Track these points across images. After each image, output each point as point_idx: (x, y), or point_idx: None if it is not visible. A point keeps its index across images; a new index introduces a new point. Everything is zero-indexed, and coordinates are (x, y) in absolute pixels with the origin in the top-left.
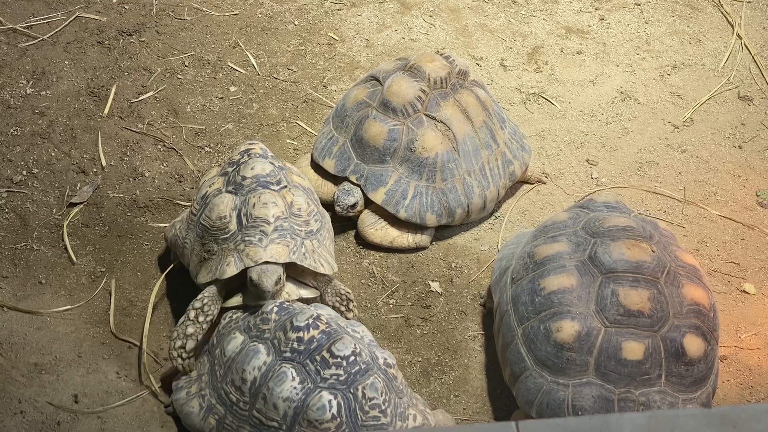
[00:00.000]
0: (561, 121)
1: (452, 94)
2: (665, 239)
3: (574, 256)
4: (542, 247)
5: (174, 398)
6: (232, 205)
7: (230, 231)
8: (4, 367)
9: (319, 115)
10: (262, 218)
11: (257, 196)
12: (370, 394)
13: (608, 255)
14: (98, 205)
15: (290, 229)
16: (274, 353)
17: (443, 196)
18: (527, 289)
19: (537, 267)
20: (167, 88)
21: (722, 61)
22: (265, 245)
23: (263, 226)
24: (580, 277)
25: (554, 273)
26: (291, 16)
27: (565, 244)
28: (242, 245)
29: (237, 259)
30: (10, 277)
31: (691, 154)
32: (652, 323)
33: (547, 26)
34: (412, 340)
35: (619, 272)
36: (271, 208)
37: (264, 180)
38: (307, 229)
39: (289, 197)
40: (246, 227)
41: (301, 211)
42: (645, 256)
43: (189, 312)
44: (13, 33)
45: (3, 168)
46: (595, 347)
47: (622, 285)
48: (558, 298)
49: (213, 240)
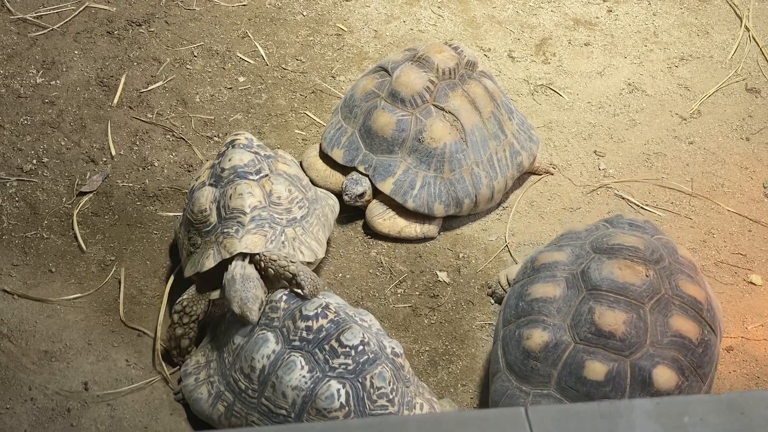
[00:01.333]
0: (569, 112)
1: (460, 85)
2: (677, 267)
3: (568, 268)
4: (545, 254)
5: (182, 384)
6: (212, 197)
7: (211, 223)
8: (14, 355)
9: (328, 105)
10: (239, 209)
11: (233, 187)
12: (378, 383)
13: (598, 272)
14: (108, 194)
15: (269, 218)
16: (283, 341)
17: (451, 187)
18: (517, 293)
19: (533, 273)
20: (176, 78)
21: (730, 53)
22: (240, 236)
23: (240, 217)
24: (567, 289)
25: (543, 281)
26: (299, 6)
27: (566, 255)
28: (221, 237)
29: (215, 252)
30: (20, 265)
31: (699, 146)
32: (623, 347)
33: (555, 18)
34: (420, 330)
35: (602, 290)
36: (246, 199)
37: (242, 170)
38: (289, 217)
39: (268, 186)
40: (224, 219)
41: (281, 199)
42: (635, 279)
43: (173, 315)
44: (23, 23)
45: (13, 157)
46: (560, 361)
47: (600, 303)
48: (539, 306)
49: (197, 233)
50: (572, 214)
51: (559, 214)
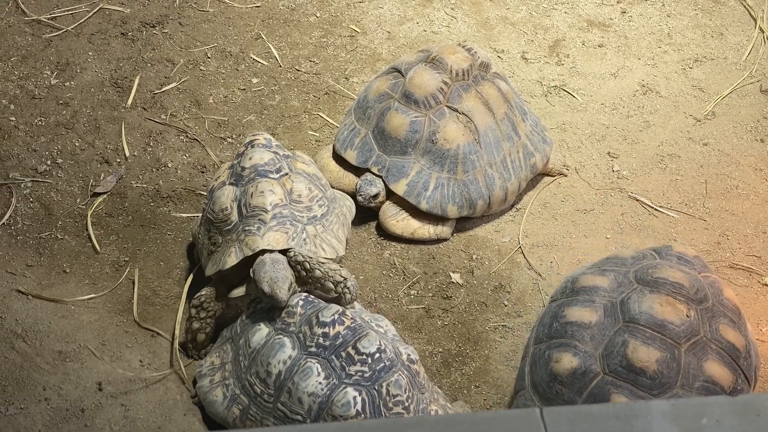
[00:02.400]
0: (582, 113)
1: (474, 86)
2: (720, 309)
3: (608, 295)
4: (586, 277)
5: (197, 386)
6: (232, 196)
7: (232, 222)
8: (29, 355)
9: (341, 106)
10: (260, 207)
11: (254, 185)
12: (394, 391)
13: (638, 304)
14: (122, 195)
15: (290, 216)
16: (299, 347)
17: (464, 188)
18: (552, 312)
19: (572, 294)
20: (190, 79)
21: (744, 55)
22: (262, 233)
23: (261, 215)
24: (604, 317)
25: (580, 305)
26: (313, 8)
27: (608, 281)
28: (243, 235)
29: (237, 249)
30: (35, 265)
31: (713, 148)
32: (652, 386)
33: (568, 19)
34: (433, 331)
35: (640, 324)
36: (268, 197)
37: (262, 169)
38: (309, 215)
39: (288, 184)
40: (246, 217)
41: (302, 197)
42: (674, 317)
43: (191, 309)
44: (37, 24)
45: (28, 158)
46: (586, 390)
47: (635, 338)
48: (572, 330)
49: (218, 232)
50: (586, 215)
51: (572, 216)
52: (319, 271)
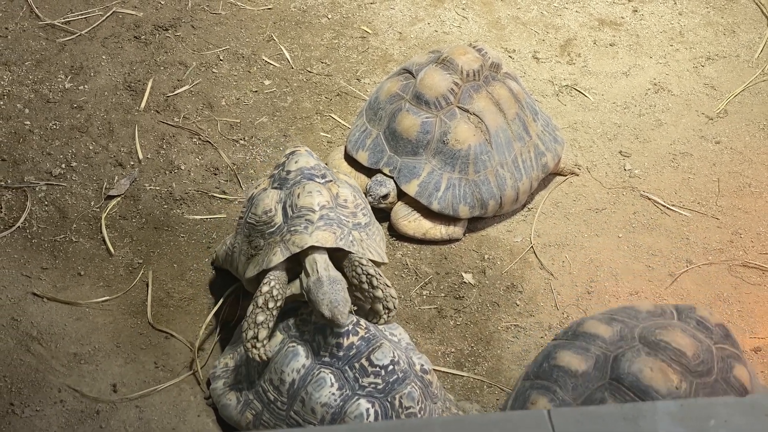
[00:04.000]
0: (594, 112)
1: (485, 87)
2: (723, 387)
3: (606, 347)
4: (592, 323)
5: (211, 387)
6: (277, 198)
7: (276, 224)
8: (44, 357)
9: (353, 108)
10: (308, 207)
11: (302, 186)
12: (407, 403)
13: (628, 364)
14: (135, 197)
15: (336, 219)
16: (313, 356)
17: (476, 188)
18: (546, 351)
19: (572, 337)
20: (202, 82)
21: (757, 52)
22: (310, 232)
23: (309, 215)
24: (593, 369)
25: (574, 351)
26: (324, 9)
27: (611, 332)
28: (288, 235)
29: (283, 248)
30: (49, 268)
31: (725, 146)
32: None
33: (579, 18)
34: (446, 331)
35: (623, 386)
36: (316, 197)
37: (308, 172)
38: (354, 221)
39: (334, 189)
40: (291, 218)
41: (348, 202)
42: (661, 386)
43: (257, 299)
44: (51, 28)
45: (42, 161)
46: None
47: (614, 399)
48: (558, 375)
49: (260, 235)
50: (598, 214)
51: (584, 215)
52: (381, 291)
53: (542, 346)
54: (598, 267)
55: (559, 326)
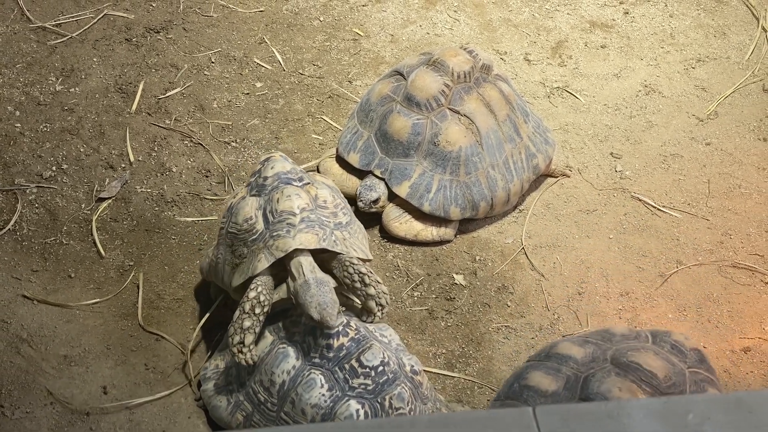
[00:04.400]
0: (585, 114)
1: (476, 88)
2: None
3: (577, 368)
4: (565, 344)
5: (202, 389)
6: (256, 205)
7: (258, 231)
8: (34, 359)
9: (344, 110)
10: (288, 211)
11: (280, 191)
12: (397, 404)
13: (597, 384)
14: (126, 199)
15: (318, 220)
16: (303, 358)
17: (467, 190)
18: (518, 373)
19: (545, 358)
20: (194, 84)
21: (747, 54)
22: (293, 235)
23: (290, 219)
24: (563, 389)
25: (545, 371)
26: (316, 12)
27: (583, 353)
28: (271, 240)
29: (267, 254)
30: (40, 270)
31: (716, 147)
32: None
33: (571, 20)
34: (437, 333)
35: None
36: (295, 200)
37: (285, 177)
38: (335, 221)
39: (313, 191)
40: (273, 223)
41: (327, 203)
42: None
43: (244, 304)
44: (42, 31)
45: (33, 164)
46: None
47: None
48: (528, 395)
49: (242, 244)
50: (588, 216)
51: (575, 216)
52: (373, 289)
53: (533, 347)
54: (589, 268)
55: (549, 327)
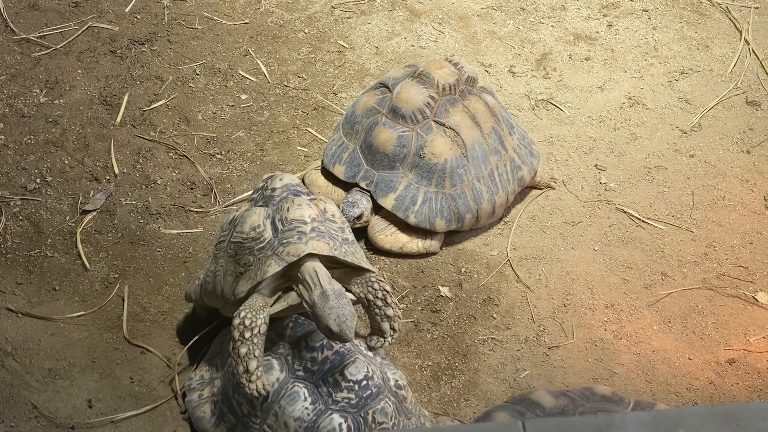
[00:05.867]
0: (569, 126)
1: (461, 101)
2: None
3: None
4: (540, 393)
5: (186, 399)
6: (264, 214)
7: (266, 239)
8: (18, 373)
9: (330, 122)
10: (299, 219)
11: (290, 200)
12: (380, 418)
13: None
14: (111, 212)
15: (327, 232)
16: (287, 370)
17: (452, 202)
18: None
19: (517, 402)
20: (179, 96)
21: (730, 67)
22: (305, 241)
23: (300, 227)
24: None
25: (509, 413)
26: (301, 24)
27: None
28: (281, 248)
29: (278, 260)
30: (24, 283)
31: (700, 159)
32: None
33: (555, 33)
34: (423, 345)
35: None
36: (306, 210)
37: (294, 189)
38: (343, 236)
39: (321, 205)
40: (282, 231)
41: (336, 217)
42: None
43: (233, 332)
44: (26, 43)
45: (17, 176)
46: None
47: None
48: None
49: (248, 252)
50: (574, 228)
51: (560, 228)
52: (392, 310)
53: (519, 359)
54: (574, 280)
55: (535, 339)
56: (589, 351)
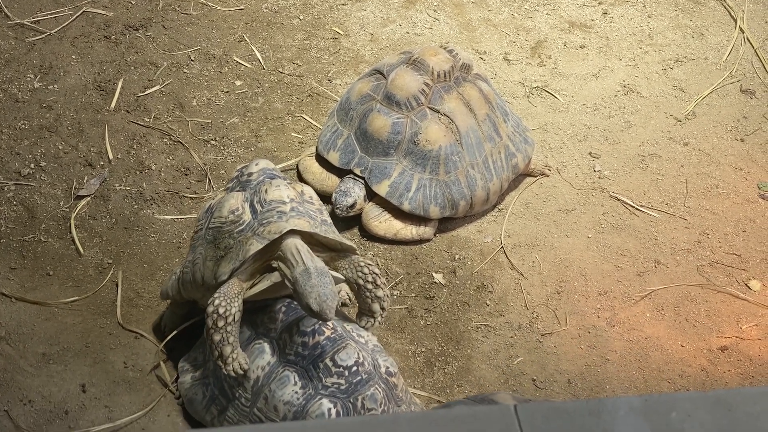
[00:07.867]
0: (564, 114)
1: (455, 88)
2: None
3: None
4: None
5: (179, 381)
6: (242, 198)
7: (245, 221)
8: (12, 358)
9: (324, 108)
10: (278, 200)
11: (268, 183)
12: (370, 405)
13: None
14: (105, 197)
15: (306, 212)
16: (279, 354)
17: (447, 189)
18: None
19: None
20: (173, 82)
21: (725, 55)
22: (286, 219)
23: (280, 207)
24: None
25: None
26: (296, 10)
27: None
28: (261, 228)
29: (259, 239)
30: (18, 268)
31: (694, 147)
32: None
33: (550, 20)
34: (416, 331)
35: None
36: (284, 191)
37: (270, 172)
38: (322, 218)
39: (298, 188)
40: (262, 213)
41: (313, 199)
42: None
43: (207, 320)
44: (20, 28)
45: (11, 161)
46: None
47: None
48: None
49: (228, 236)
50: (567, 215)
51: (554, 216)
52: (381, 291)
53: (512, 346)
54: (568, 267)
55: (528, 326)
56: (582, 338)
